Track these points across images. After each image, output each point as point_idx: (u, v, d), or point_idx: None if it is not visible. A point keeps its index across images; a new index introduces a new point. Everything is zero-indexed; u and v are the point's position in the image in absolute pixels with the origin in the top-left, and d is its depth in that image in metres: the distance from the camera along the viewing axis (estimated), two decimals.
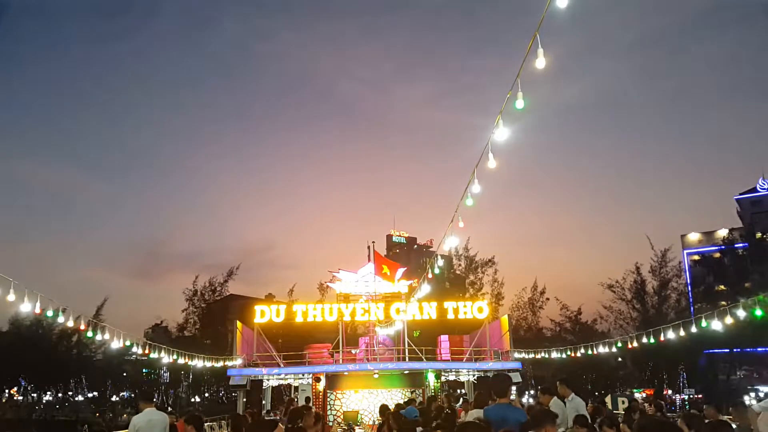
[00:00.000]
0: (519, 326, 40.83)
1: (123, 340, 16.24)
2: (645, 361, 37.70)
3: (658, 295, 36.65)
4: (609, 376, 39.28)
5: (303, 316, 22.40)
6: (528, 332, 39.99)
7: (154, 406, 8.01)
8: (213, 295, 43.14)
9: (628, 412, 11.43)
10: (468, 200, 8.71)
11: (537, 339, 36.59)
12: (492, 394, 6.01)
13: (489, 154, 7.63)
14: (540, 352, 22.57)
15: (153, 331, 57.14)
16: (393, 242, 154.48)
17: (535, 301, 42.12)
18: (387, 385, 21.30)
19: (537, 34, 5.70)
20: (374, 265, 22.18)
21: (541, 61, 5.75)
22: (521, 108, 6.42)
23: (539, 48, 5.73)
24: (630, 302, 37.13)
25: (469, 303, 23.02)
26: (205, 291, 43.35)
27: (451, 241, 10.58)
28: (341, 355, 22.33)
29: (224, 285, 43.86)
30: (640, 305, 36.80)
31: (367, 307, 22.12)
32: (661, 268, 36.96)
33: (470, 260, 44.09)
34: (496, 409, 5.71)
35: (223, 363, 21.45)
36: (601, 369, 37.59)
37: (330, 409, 21.09)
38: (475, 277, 43.60)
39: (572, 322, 39.67)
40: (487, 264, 43.54)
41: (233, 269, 44.65)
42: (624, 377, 41.42)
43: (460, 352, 23.21)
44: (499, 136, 7.05)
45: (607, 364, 37.73)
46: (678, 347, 27.44)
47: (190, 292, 43.50)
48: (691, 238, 58.54)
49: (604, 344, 19.29)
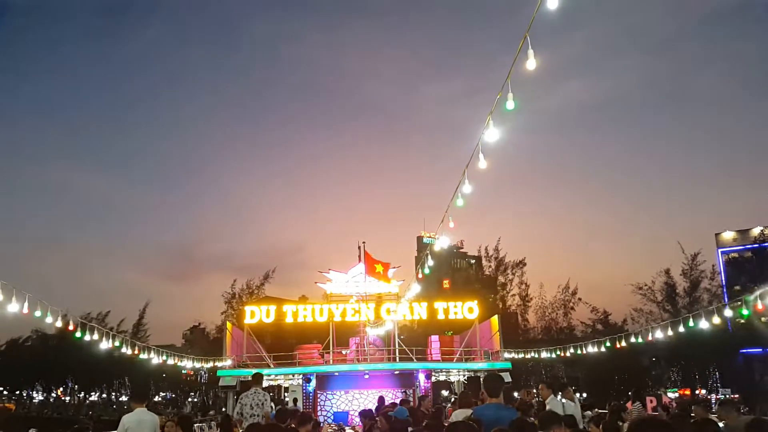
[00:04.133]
0: (550, 327, 40.84)
1: (111, 341, 16.32)
2: (678, 361, 37.46)
3: (689, 296, 36.32)
4: (640, 376, 39.20)
5: (293, 317, 22.34)
6: (560, 333, 39.89)
7: (145, 406, 8.07)
8: (250, 297, 43.04)
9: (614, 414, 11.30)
10: (458, 200, 8.77)
11: (568, 339, 36.52)
12: (482, 393, 6.03)
13: (480, 154, 7.68)
14: (529, 352, 22.67)
15: (191, 332, 57.61)
16: (423, 244, 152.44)
17: (567, 301, 42.03)
18: (377, 386, 21.30)
19: (527, 35, 5.75)
20: (365, 265, 22.16)
21: (531, 62, 5.79)
22: (512, 109, 6.47)
23: (529, 49, 5.77)
24: (661, 303, 36.81)
25: (459, 303, 23.05)
26: (242, 293, 43.50)
27: (443, 240, 10.71)
28: (331, 355, 22.29)
29: (261, 288, 44.12)
30: (671, 306, 36.37)
31: (358, 308, 22.10)
32: (691, 271, 36.57)
33: (500, 261, 44.31)
34: (489, 409, 5.71)
35: (213, 364, 21.35)
36: (632, 369, 37.56)
37: (320, 409, 21.05)
38: (505, 279, 43.82)
39: (602, 323, 39.31)
40: (517, 266, 43.79)
41: (269, 272, 45.01)
42: (656, 377, 41.41)
43: (451, 352, 23.25)
44: (489, 136, 7.09)
45: (639, 363, 37.79)
46: (712, 346, 27.16)
47: (229, 294, 43.73)
48: (725, 236, 57.77)
49: (594, 343, 19.36)
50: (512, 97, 6.35)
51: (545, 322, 42.41)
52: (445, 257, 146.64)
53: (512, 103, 6.39)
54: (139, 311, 49.59)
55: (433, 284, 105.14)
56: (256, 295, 43.44)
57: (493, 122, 7.07)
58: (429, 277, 69.62)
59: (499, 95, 6.45)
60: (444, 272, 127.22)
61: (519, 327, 42.26)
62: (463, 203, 8.78)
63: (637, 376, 38.75)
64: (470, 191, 8.39)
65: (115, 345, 16.49)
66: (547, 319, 41.84)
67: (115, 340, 16.62)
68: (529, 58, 5.76)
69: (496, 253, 44.78)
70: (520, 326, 42.72)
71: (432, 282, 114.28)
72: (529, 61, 5.78)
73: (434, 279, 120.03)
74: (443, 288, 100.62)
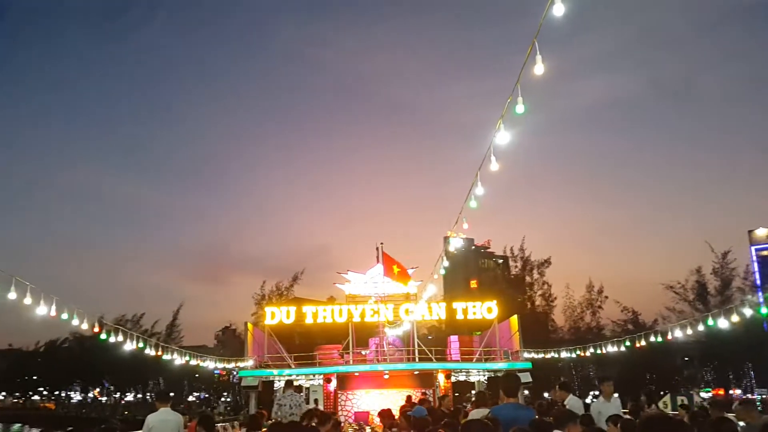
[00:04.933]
0: (577, 326, 40.61)
1: (136, 342, 16.74)
2: (711, 360, 36.80)
3: (720, 295, 35.56)
4: (672, 376, 38.62)
5: (313, 318, 22.56)
6: (587, 332, 39.60)
7: (169, 406, 8.26)
8: (280, 298, 43.51)
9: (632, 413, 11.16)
10: (472, 202, 8.81)
11: (596, 339, 36.22)
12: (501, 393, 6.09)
13: (492, 157, 7.71)
14: (550, 351, 22.54)
15: (223, 333, 58.71)
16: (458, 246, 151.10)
17: (594, 301, 41.63)
18: (397, 386, 21.40)
19: (535, 41, 5.80)
20: (383, 266, 22.27)
21: (539, 67, 5.83)
22: (521, 113, 6.50)
23: (537, 54, 5.79)
24: (692, 303, 36.10)
25: (478, 303, 23.02)
26: (272, 295, 44.02)
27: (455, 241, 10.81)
28: (351, 356, 22.45)
29: (290, 289, 44.63)
30: (702, 305, 35.49)
31: (377, 308, 22.23)
32: (722, 269, 35.91)
33: (525, 261, 44.22)
34: (506, 408, 5.74)
35: (235, 364, 21.68)
36: (664, 368, 37.05)
37: (341, 409, 21.23)
38: (531, 279, 43.75)
39: (633, 323, 38.66)
40: (542, 265, 43.65)
41: (298, 274, 45.47)
42: (688, 377, 40.79)
43: (470, 352, 23.23)
44: (500, 139, 7.13)
45: (671, 363, 37.25)
46: (746, 345, 26.59)
47: (258, 296, 44.34)
48: (759, 233, 57.23)
49: (615, 342, 19.19)
50: (522, 101, 6.39)
51: (572, 322, 42.07)
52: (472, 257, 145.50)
53: (522, 107, 6.42)
54: (173, 312, 50.51)
55: (460, 284, 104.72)
56: (285, 296, 43.87)
57: (504, 125, 7.10)
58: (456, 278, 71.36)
59: (509, 99, 6.50)
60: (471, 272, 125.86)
61: (547, 327, 41.96)
62: (476, 205, 8.82)
63: (669, 375, 38.17)
64: (482, 193, 8.40)
65: (139, 347, 16.91)
66: (575, 318, 41.41)
67: (139, 341, 17.04)
68: (537, 63, 5.78)
69: (521, 253, 44.62)
70: (548, 326, 42.40)
71: (459, 282, 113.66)
72: (537, 66, 5.80)
73: (461, 279, 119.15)
74: (470, 288, 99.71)
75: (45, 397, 69.53)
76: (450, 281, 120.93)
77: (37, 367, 63.25)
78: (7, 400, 72.34)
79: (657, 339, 16.51)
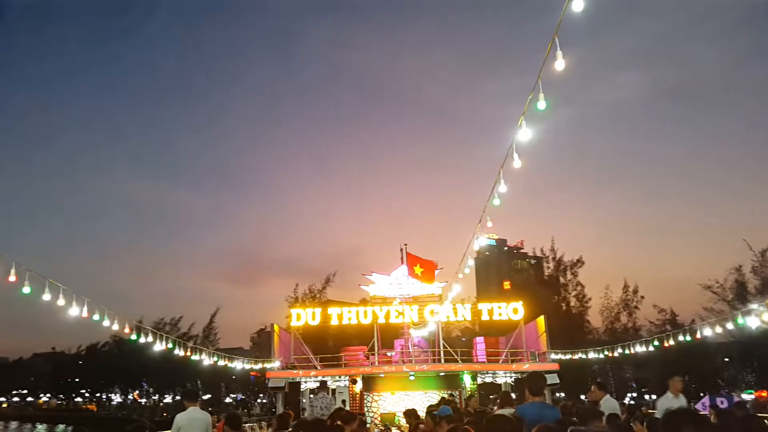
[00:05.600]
0: (614, 327, 39.96)
1: (165, 343, 17.08)
2: (752, 361, 35.97)
3: (761, 294, 34.92)
4: (712, 377, 37.70)
5: (338, 319, 22.66)
6: (624, 333, 39.02)
7: (198, 405, 8.38)
8: (312, 301, 43.89)
9: None
10: (495, 200, 8.75)
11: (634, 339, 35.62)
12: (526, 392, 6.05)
13: (514, 154, 7.65)
14: (577, 352, 22.21)
15: (258, 335, 59.65)
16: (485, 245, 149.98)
17: (630, 301, 41.09)
18: (423, 387, 21.34)
19: (555, 37, 5.74)
20: (407, 266, 22.26)
21: (560, 62, 5.78)
22: (543, 109, 6.45)
23: (557, 50, 5.74)
24: (731, 302, 35.07)
25: (504, 304, 22.82)
26: (305, 297, 44.38)
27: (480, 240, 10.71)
28: (377, 357, 22.48)
29: (323, 291, 44.87)
30: (742, 305, 35.15)
31: (401, 309, 22.21)
32: (762, 268, 35.02)
33: (558, 262, 43.83)
34: (532, 407, 5.70)
35: (262, 365, 21.92)
36: (703, 369, 36.21)
37: (367, 410, 21.27)
38: (565, 279, 43.35)
39: (671, 323, 37.83)
40: (575, 265, 43.21)
41: (330, 276, 45.67)
42: (729, 378, 39.96)
43: (496, 353, 23.04)
44: (522, 136, 7.07)
45: (711, 364, 36.42)
46: None
47: (292, 298, 44.76)
48: None
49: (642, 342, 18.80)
50: (543, 97, 6.34)
51: (609, 323, 41.42)
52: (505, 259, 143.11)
53: (543, 103, 6.37)
54: (210, 315, 51.41)
55: (493, 286, 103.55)
56: (318, 298, 44.14)
57: (526, 122, 7.05)
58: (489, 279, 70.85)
59: (530, 95, 6.44)
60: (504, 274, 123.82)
61: (583, 328, 41.41)
62: (499, 202, 8.76)
63: (709, 377, 37.18)
64: (505, 191, 8.36)
65: (168, 347, 17.23)
66: (611, 319, 40.75)
67: (168, 342, 17.36)
68: (558, 59, 5.73)
69: (552, 254, 44.24)
70: (584, 328, 41.83)
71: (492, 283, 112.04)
72: (557, 62, 5.76)
73: (494, 281, 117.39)
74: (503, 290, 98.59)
75: (87, 399, 71.50)
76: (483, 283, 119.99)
77: (79, 370, 65.18)
78: (51, 401, 74.73)
79: (686, 338, 16.07)
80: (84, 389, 69.94)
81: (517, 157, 7.63)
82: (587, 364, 27.60)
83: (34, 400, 78.35)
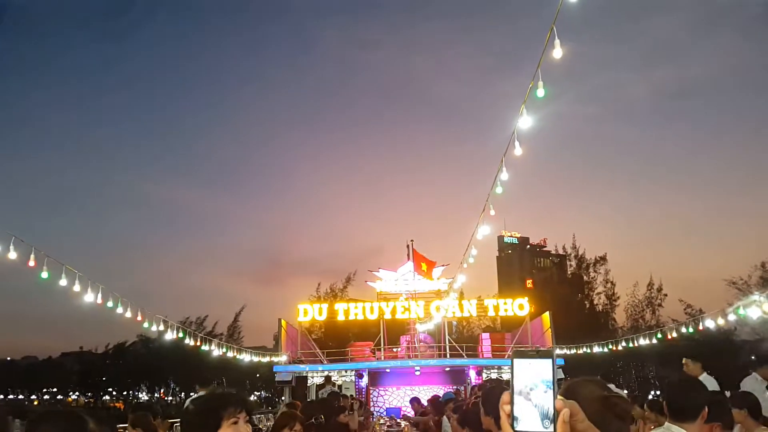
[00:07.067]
0: (637, 325, 39.73)
1: (176, 332, 17.34)
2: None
3: None
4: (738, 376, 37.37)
5: (345, 315, 22.93)
6: (647, 330, 39.04)
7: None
8: (334, 299, 44.38)
9: None
10: (498, 188, 8.94)
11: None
12: None
13: (515, 143, 7.86)
14: (582, 347, 22.35)
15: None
16: (504, 243, 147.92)
17: (653, 298, 40.58)
18: (428, 383, 21.56)
19: (554, 27, 5.97)
20: (413, 263, 22.49)
21: (558, 51, 5.97)
22: (542, 97, 6.66)
23: (556, 39, 5.92)
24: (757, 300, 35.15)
25: (510, 300, 22.99)
26: (327, 297, 44.59)
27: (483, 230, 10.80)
28: (383, 352, 22.72)
29: (343, 290, 45.19)
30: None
31: (407, 305, 22.45)
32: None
33: (580, 259, 43.48)
34: None
35: (269, 359, 22.22)
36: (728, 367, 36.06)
37: (373, 405, 21.50)
38: (588, 277, 42.90)
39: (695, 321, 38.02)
40: (598, 262, 42.78)
41: (350, 275, 45.86)
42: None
43: (502, 349, 23.22)
44: (523, 123, 7.28)
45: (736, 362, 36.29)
46: None
47: (314, 297, 44.90)
48: None
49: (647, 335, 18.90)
50: (543, 84, 6.54)
51: (633, 321, 40.76)
52: (528, 257, 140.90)
53: (542, 91, 6.56)
54: (235, 313, 51.91)
55: (515, 284, 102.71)
56: (340, 297, 44.47)
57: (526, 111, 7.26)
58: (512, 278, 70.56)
59: (530, 84, 6.67)
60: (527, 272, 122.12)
61: (608, 326, 40.92)
62: (501, 190, 8.93)
63: (735, 375, 36.83)
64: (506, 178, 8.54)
65: (179, 336, 17.45)
66: (635, 317, 40.18)
67: (179, 332, 17.57)
68: (555, 48, 5.90)
69: (575, 251, 43.75)
70: (609, 325, 41.32)
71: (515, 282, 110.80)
72: (555, 51, 5.93)
73: (517, 279, 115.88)
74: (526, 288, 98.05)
75: (114, 397, 72.29)
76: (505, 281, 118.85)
77: (107, 369, 65.97)
78: (80, 399, 75.78)
79: (688, 330, 16.17)
80: (111, 387, 70.74)
81: (518, 145, 7.82)
82: (605, 359, 27.11)
83: (63, 398, 79.56)
